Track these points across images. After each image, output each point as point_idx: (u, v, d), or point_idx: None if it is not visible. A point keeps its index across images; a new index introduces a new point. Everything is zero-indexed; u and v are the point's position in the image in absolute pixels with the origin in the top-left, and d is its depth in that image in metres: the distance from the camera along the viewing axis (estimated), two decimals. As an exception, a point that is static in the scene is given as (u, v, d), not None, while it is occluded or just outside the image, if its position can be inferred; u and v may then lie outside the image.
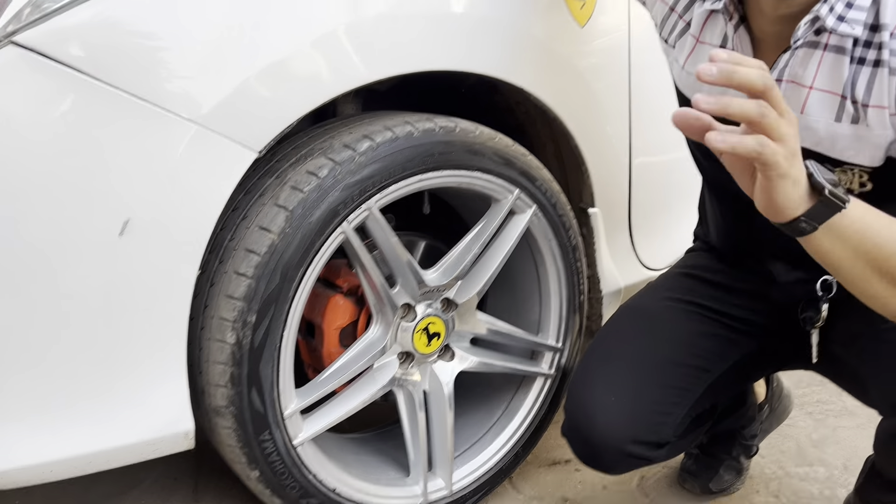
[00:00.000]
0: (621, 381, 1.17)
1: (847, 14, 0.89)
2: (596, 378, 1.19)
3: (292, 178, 1.09)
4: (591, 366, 1.22)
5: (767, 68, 0.73)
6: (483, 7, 1.20)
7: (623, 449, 1.14)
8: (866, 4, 0.89)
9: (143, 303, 1.00)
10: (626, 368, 1.18)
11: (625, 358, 1.20)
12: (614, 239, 1.52)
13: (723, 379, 1.21)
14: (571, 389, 1.22)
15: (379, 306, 1.22)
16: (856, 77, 0.91)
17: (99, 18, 0.92)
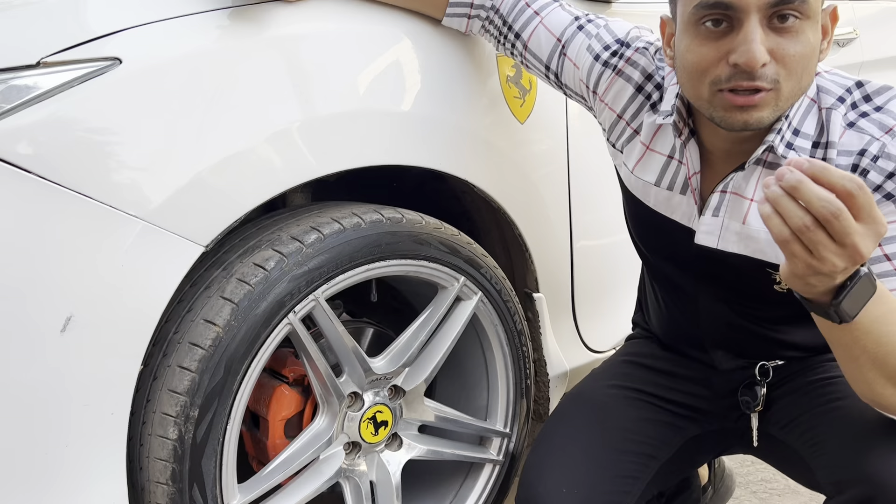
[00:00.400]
0: (572, 473, 1.17)
1: (795, 141, 0.97)
2: (547, 470, 1.19)
3: (239, 271, 1.10)
4: (542, 458, 1.22)
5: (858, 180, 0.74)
6: (427, 106, 1.26)
7: None
8: (811, 131, 0.97)
9: (83, 398, 0.98)
10: (577, 460, 1.19)
11: (574, 449, 1.20)
12: (559, 322, 1.56)
13: (669, 465, 1.23)
14: (523, 482, 1.22)
15: (325, 396, 1.22)
16: None
17: (49, 119, 0.93)
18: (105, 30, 1.00)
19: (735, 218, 1.04)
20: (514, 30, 1.26)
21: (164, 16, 1.04)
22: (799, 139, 0.97)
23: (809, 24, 0.91)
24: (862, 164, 0.94)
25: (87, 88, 0.96)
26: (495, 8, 1.27)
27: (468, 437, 1.45)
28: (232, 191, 1.06)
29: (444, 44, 1.29)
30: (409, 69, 1.25)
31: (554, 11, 1.25)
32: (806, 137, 0.97)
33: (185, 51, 1.04)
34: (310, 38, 1.15)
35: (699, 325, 1.22)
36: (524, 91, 1.39)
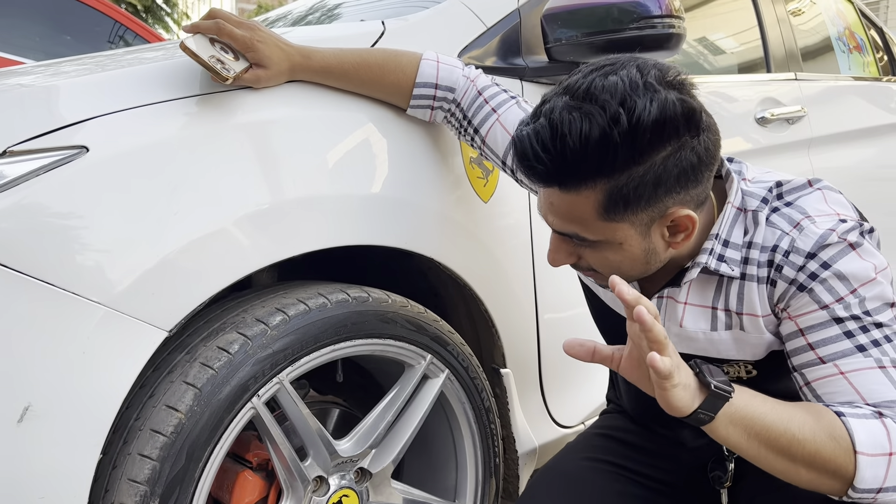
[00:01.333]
0: None
1: (726, 253, 1.02)
2: None
3: (203, 355, 1.09)
4: None
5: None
6: (393, 187, 1.29)
7: None
8: (740, 239, 1.02)
9: (38, 490, 0.95)
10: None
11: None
12: (527, 398, 1.56)
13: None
14: None
15: (289, 480, 1.19)
16: (728, 290, 1.04)
17: (14, 207, 0.94)
18: (72, 118, 1.02)
19: (673, 321, 1.09)
20: (473, 125, 1.31)
21: (132, 104, 1.06)
22: (729, 250, 1.01)
23: (606, 246, 0.98)
24: (776, 260, 0.98)
25: (53, 177, 0.97)
26: (457, 101, 1.32)
27: (437, 518, 1.42)
28: (196, 275, 1.07)
29: (408, 128, 1.33)
30: (374, 152, 1.29)
31: (510, 109, 1.29)
32: (735, 247, 1.01)
33: (152, 138, 1.05)
34: (276, 124, 1.18)
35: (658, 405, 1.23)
36: (487, 172, 1.42)
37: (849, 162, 2.47)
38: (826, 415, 0.91)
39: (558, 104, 0.90)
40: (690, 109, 0.90)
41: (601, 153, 0.89)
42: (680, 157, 0.91)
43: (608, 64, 0.93)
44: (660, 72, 0.91)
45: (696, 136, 0.92)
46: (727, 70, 2.30)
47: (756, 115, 2.10)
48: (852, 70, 2.80)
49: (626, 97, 0.87)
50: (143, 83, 1.11)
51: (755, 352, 1.06)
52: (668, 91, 0.89)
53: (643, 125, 0.87)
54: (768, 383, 1.11)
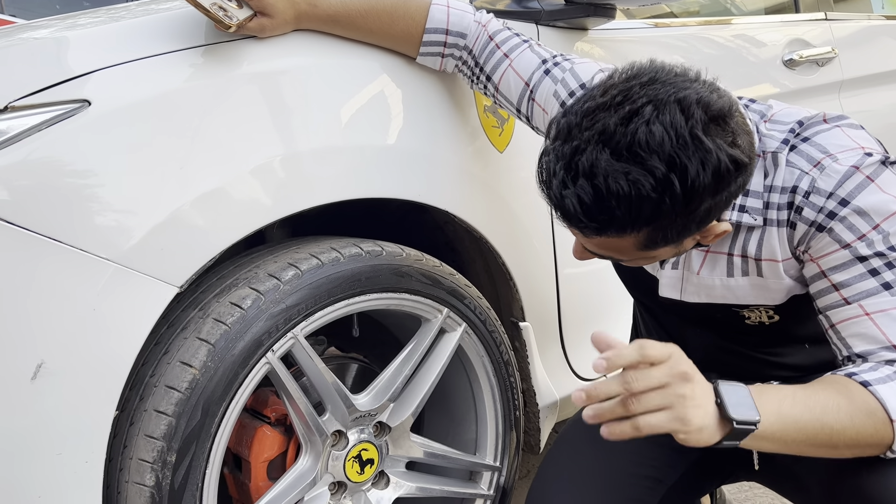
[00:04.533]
0: (580, 497, 1.15)
1: (746, 203, 0.97)
2: (553, 496, 1.17)
3: (215, 311, 1.08)
4: (547, 484, 1.20)
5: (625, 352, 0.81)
6: (406, 138, 1.25)
7: None
8: (760, 186, 0.97)
9: (55, 448, 0.96)
10: (583, 484, 1.17)
11: (580, 473, 1.18)
12: (547, 351, 1.54)
13: (675, 490, 1.20)
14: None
15: (308, 435, 1.19)
16: (748, 237, 1.00)
17: (18, 163, 0.92)
18: (75, 72, 0.99)
19: (690, 270, 1.06)
20: (486, 71, 1.26)
21: (133, 56, 1.04)
22: (749, 199, 0.97)
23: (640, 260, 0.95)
24: (796, 202, 0.95)
25: (57, 131, 0.95)
26: (468, 48, 1.27)
27: (457, 472, 1.42)
28: (206, 230, 1.05)
29: (421, 77, 1.29)
30: (387, 102, 1.25)
31: (523, 54, 1.24)
32: (755, 195, 0.97)
33: (155, 90, 1.03)
34: (286, 73, 1.15)
35: (689, 352, 1.21)
36: (502, 120, 1.38)
37: (881, 105, 2.37)
38: (855, 391, 0.87)
39: (600, 162, 0.81)
40: (740, 163, 0.84)
41: (650, 217, 0.84)
42: (726, 195, 0.87)
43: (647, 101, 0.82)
44: (704, 111, 0.82)
45: (743, 173, 0.86)
46: (754, 11, 2.21)
47: (784, 57, 2.02)
48: (885, 9, 2.68)
49: (674, 158, 0.80)
50: (148, 34, 1.08)
51: (774, 297, 1.03)
52: (717, 142, 0.82)
53: (697, 190, 0.82)
54: (791, 327, 1.08)
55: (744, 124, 0.89)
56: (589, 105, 0.85)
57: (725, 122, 0.84)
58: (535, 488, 1.21)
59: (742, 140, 0.87)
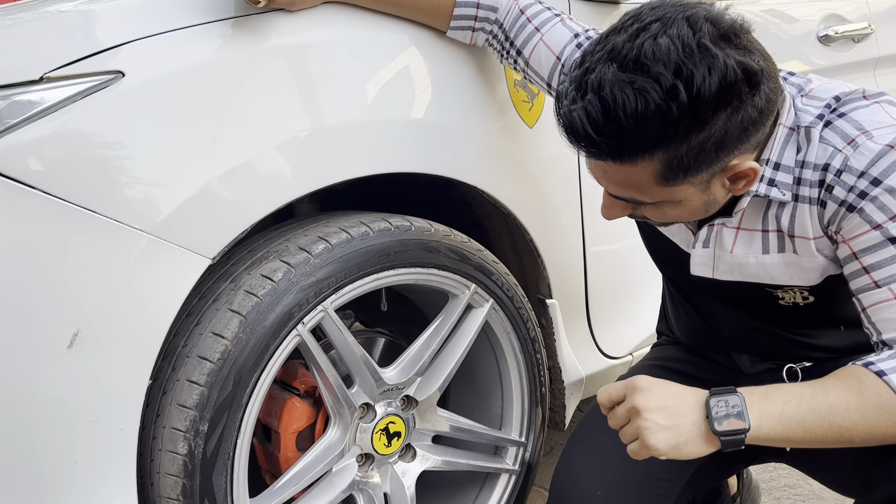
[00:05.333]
0: (607, 475, 1.16)
1: (776, 176, 0.95)
2: (580, 472, 1.18)
3: (247, 283, 1.09)
4: (574, 460, 1.20)
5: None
6: (435, 112, 1.25)
7: None
8: (791, 161, 0.95)
9: (91, 415, 0.98)
10: (610, 461, 1.17)
11: (607, 450, 1.17)
12: (573, 329, 1.54)
13: (703, 470, 1.20)
14: (555, 485, 1.20)
15: (336, 407, 1.20)
16: (780, 212, 0.98)
17: (53, 135, 0.93)
18: (108, 43, 1.00)
19: (723, 248, 1.04)
20: (516, 46, 1.25)
21: (165, 28, 1.04)
22: (780, 173, 0.95)
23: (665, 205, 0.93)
24: (827, 180, 0.92)
25: (91, 102, 0.96)
26: (499, 22, 1.26)
27: (483, 446, 1.43)
28: (237, 203, 1.06)
29: (451, 50, 1.28)
30: (416, 76, 1.24)
31: (554, 28, 1.22)
32: (787, 169, 0.95)
33: (187, 62, 1.03)
34: (315, 47, 1.15)
35: (720, 331, 1.20)
36: (532, 95, 1.37)
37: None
38: (868, 384, 0.87)
39: (606, 75, 0.81)
40: (751, 71, 0.82)
41: (659, 129, 0.82)
42: (741, 117, 0.84)
43: (654, 19, 0.83)
44: (713, 25, 0.82)
45: (757, 92, 0.85)
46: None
47: (819, 33, 1.97)
48: (925, -16, 2.60)
49: (680, 66, 0.79)
50: (178, 6, 1.08)
51: (808, 276, 1.01)
52: (726, 51, 0.81)
53: (703, 98, 0.80)
54: (826, 309, 1.06)
55: (762, 48, 0.86)
56: (603, 34, 0.86)
57: (737, 36, 0.82)
58: (561, 466, 1.21)
59: (757, 59, 0.84)
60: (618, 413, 0.93)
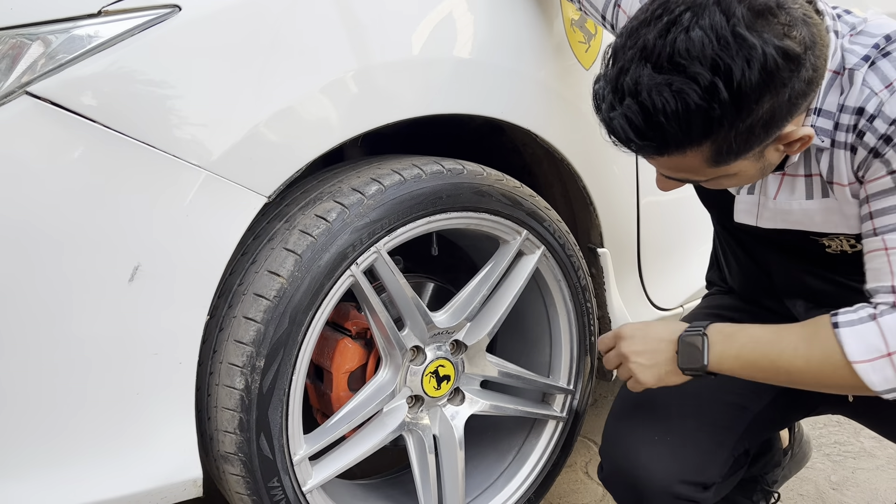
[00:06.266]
0: (663, 420, 1.15)
1: (816, 123, 0.91)
2: (635, 417, 1.17)
3: (301, 223, 1.09)
4: (628, 406, 1.20)
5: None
6: (487, 52, 1.22)
7: (670, 490, 1.11)
8: (833, 107, 0.91)
9: (152, 348, 1.00)
10: (666, 407, 1.16)
11: (663, 396, 1.17)
12: (624, 279, 1.52)
13: (760, 418, 1.19)
14: (609, 432, 1.20)
15: (388, 349, 1.21)
16: (819, 158, 0.95)
17: (111, 68, 0.93)
18: (165, -24, 0.99)
19: (767, 195, 1.02)
20: None
21: (222, -38, 1.02)
22: (821, 118, 0.91)
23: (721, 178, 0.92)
24: (860, 125, 0.88)
25: (148, 37, 0.95)
26: None
27: (531, 393, 1.43)
28: (292, 142, 1.05)
29: (505, -12, 1.24)
30: (468, 15, 1.21)
31: None
32: (828, 115, 0.91)
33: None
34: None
35: (772, 277, 1.17)
36: (589, 35, 1.33)
37: None
38: (822, 334, 0.92)
39: (642, 78, 0.79)
40: (792, 56, 0.78)
41: (703, 126, 0.80)
42: (789, 95, 0.81)
43: (685, 8, 0.79)
44: (747, 8, 0.77)
45: (803, 67, 0.81)
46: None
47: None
48: None
49: (717, 61, 0.76)
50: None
51: (851, 224, 0.97)
52: (763, 36, 0.77)
53: (745, 91, 0.77)
54: None
55: (804, 12, 0.81)
56: (632, 24, 0.82)
57: (773, 14, 0.78)
58: (615, 413, 1.21)
59: (799, 31, 0.79)
60: (610, 357, 1.10)
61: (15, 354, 0.93)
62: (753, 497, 1.44)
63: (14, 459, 0.95)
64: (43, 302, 0.93)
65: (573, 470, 1.67)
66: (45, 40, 0.92)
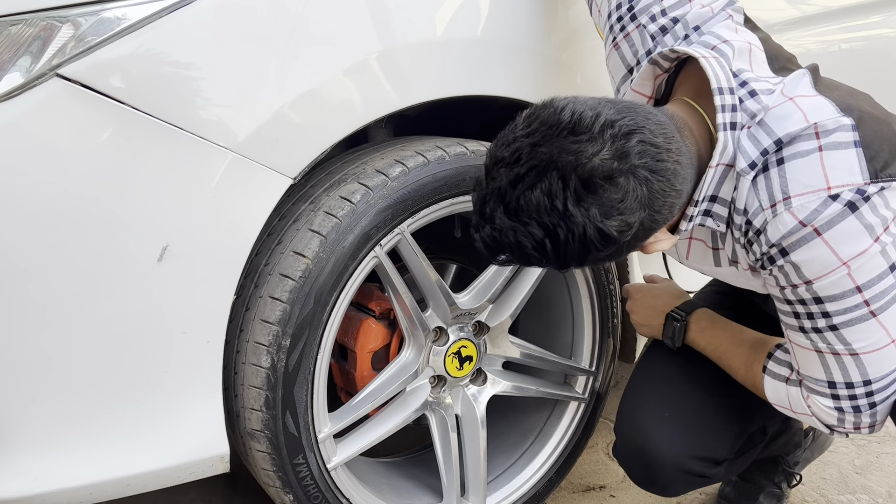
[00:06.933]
0: (675, 396, 1.18)
1: (712, 208, 0.97)
2: (648, 395, 1.19)
3: (326, 204, 1.10)
4: (642, 383, 1.22)
5: None
6: (512, 32, 1.21)
7: (681, 465, 1.13)
8: (728, 195, 0.95)
9: (180, 327, 1.02)
10: (679, 383, 1.19)
11: (676, 373, 1.21)
12: (647, 260, 1.51)
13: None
14: (623, 408, 1.23)
15: (411, 329, 1.22)
16: (722, 237, 1.02)
17: (139, 51, 0.94)
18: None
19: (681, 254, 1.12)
20: None
21: (247, -57, 1.02)
22: (717, 205, 0.97)
23: None
24: (749, 234, 0.95)
25: (175, 19, 0.96)
26: None
27: (553, 374, 1.44)
28: (317, 123, 1.06)
29: (531, -32, 1.24)
30: (493, -4, 1.20)
31: None
32: (723, 202, 0.97)
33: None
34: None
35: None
36: (615, 15, 1.31)
37: None
38: (755, 368, 1.11)
39: (497, 215, 0.87)
40: (609, 237, 0.85)
41: (540, 264, 0.91)
42: (631, 238, 0.87)
43: (531, 166, 0.84)
44: (580, 180, 0.82)
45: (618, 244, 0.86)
46: None
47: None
48: None
49: (547, 226, 0.85)
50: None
51: (760, 289, 1.05)
52: (590, 212, 0.83)
53: (568, 252, 0.86)
54: None
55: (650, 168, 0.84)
56: (499, 153, 0.87)
57: (604, 189, 0.83)
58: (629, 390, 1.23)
59: (631, 201, 0.84)
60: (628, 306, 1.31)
61: (52, 331, 0.95)
62: (775, 478, 1.44)
63: (50, 433, 0.98)
64: (76, 280, 0.95)
65: (595, 451, 1.68)
66: (75, 23, 0.93)
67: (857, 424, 1.01)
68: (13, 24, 0.92)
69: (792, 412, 1.07)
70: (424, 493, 1.36)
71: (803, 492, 1.53)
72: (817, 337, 0.96)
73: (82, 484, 1.00)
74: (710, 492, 1.52)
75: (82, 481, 1.00)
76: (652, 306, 1.26)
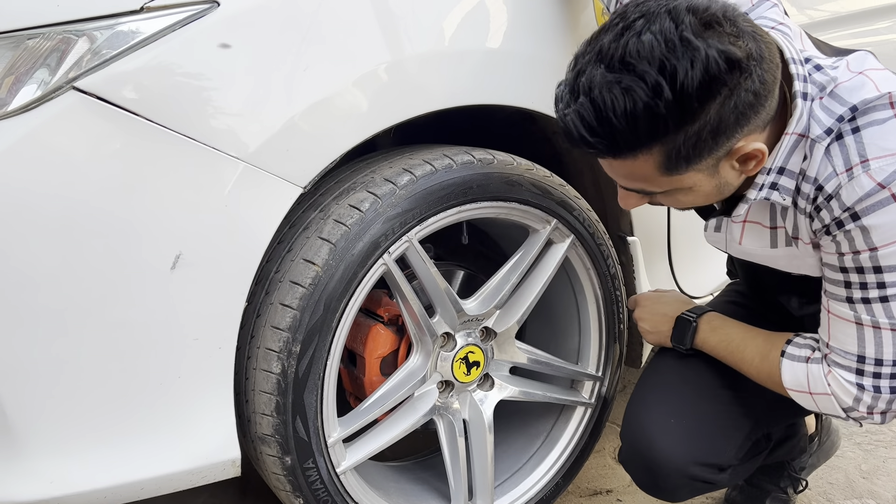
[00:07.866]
0: (680, 403, 1.19)
1: (779, 181, 0.96)
2: (653, 401, 1.20)
3: (335, 212, 1.12)
4: (647, 390, 1.23)
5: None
6: (518, 42, 1.23)
7: (686, 471, 1.14)
8: (797, 167, 0.94)
9: (193, 333, 1.04)
10: (684, 391, 1.20)
11: (681, 381, 1.22)
12: (654, 267, 1.52)
13: (778, 403, 1.20)
14: (628, 415, 1.24)
15: (419, 335, 1.24)
16: (784, 214, 1.01)
17: (153, 63, 0.96)
18: (204, -28, 1.01)
19: (733, 239, 1.10)
20: None
21: (259, -43, 1.04)
22: (784, 177, 0.96)
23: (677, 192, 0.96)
24: (818, 201, 0.94)
25: (188, 32, 0.98)
26: None
27: (560, 380, 1.45)
28: (327, 133, 1.07)
29: (535, -23, 1.25)
30: (496, 4, 1.22)
31: None
32: (791, 175, 0.96)
33: (279, -8, 1.04)
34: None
35: (762, 280, 1.22)
36: (620, 25, 1.33)
37: None
38: (772, 356, 1.09)
39: (595, 77, 0.83)
40: (734, 60, 0.81)
41: (649, 126, 0.84)
42: (735, 103, 0.84)
43: (638, 16, 0.83)
44: (694, 15, 0.81)
45: (748, 76, 0.83)
46: None
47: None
48: None
49: (664, 62, 0.80)
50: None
51: (813, 269, 1.04)
52: (708, 41, 0.81)
53: (688, 91, 0.81)
54: None
55: (755, 30, 0.85)
56: (594, 34, 0.87)
57: (720, 24, 0.82)
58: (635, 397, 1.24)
59: (745, 43, 0.82)
60: (635, 315, 1.32)
61: (68, 337, 0.97)
62: (781, 483, 1.44)
63: (65, 438, 1.00)
64: (92, 287, 0.97)
65: (602, 455, 1.69)
66: (91, 36, 0.95)
67: (872, 408, 1.00)
68: (31, 38, 0.94)
69: (809, 394, 1.05)
70: (432, 496, 1.38)
71: (810, 496, 1.53)
72: (863, 308, 0.95)
73: (97, 487, 1.02)
74: (717, 496, 1.52)
75: (97, 485, 1.02)
76: (661, 312, 1.27)
